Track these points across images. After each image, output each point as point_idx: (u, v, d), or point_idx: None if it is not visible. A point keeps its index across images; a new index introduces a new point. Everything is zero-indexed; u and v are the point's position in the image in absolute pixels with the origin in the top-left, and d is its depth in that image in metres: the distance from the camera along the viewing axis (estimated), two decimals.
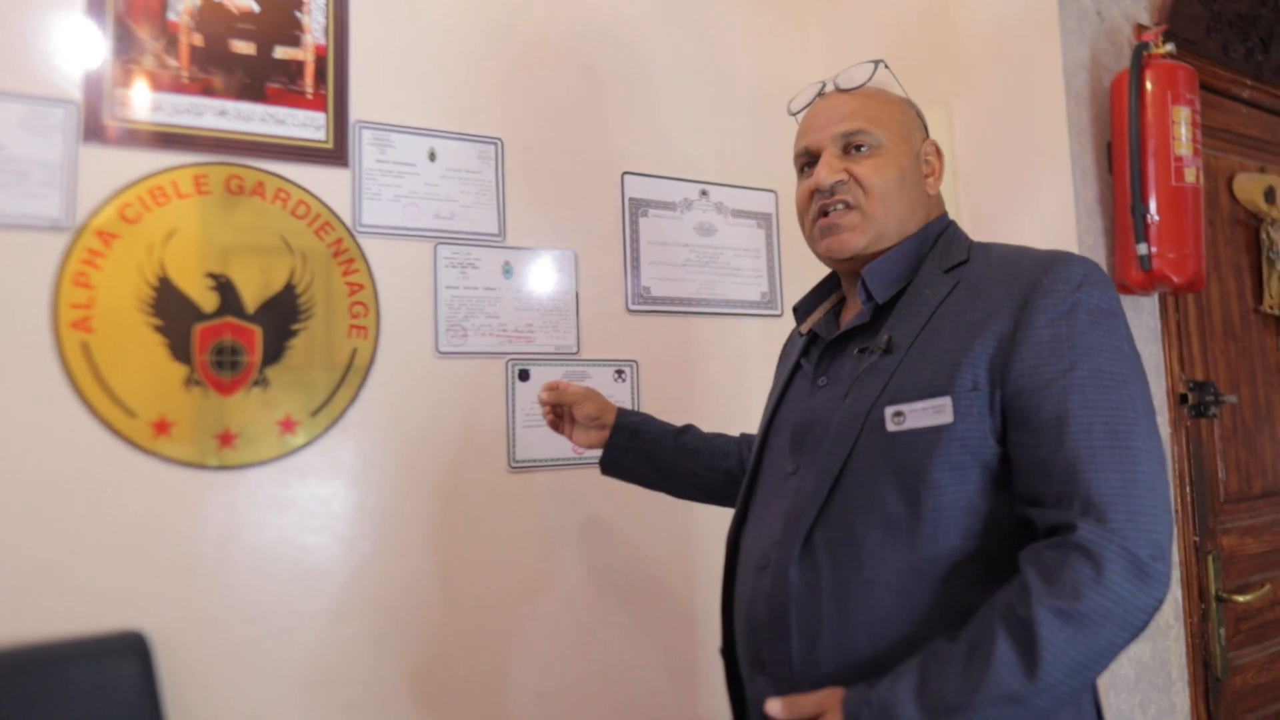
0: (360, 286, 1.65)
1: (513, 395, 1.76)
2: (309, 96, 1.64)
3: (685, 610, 1.89)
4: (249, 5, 1.61)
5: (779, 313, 2.08)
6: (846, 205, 1.06)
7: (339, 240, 1.64)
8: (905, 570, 0.91)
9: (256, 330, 1.56)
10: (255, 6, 1.61)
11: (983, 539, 0.91)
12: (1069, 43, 1.68)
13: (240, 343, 1.54)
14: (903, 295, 1.03)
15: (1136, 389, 0.89)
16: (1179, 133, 1.59)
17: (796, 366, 1.16)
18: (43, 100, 1.44)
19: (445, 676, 1.64)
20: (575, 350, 1.84)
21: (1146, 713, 1.62)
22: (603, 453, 1.43)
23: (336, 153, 1.65)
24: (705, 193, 2.03)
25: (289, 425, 1.56)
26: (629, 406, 1.86)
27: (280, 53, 1.63)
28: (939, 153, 1.13)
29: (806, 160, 1.11)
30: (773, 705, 0.93)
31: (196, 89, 1.56)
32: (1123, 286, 1.64)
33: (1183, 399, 1.76)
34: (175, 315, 1.50)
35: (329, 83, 1.66)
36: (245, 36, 1.60)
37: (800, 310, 1.20)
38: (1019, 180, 1.73)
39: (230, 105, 1.58)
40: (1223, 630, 1.74)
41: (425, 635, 1.63)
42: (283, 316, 1.58)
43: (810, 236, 1.12)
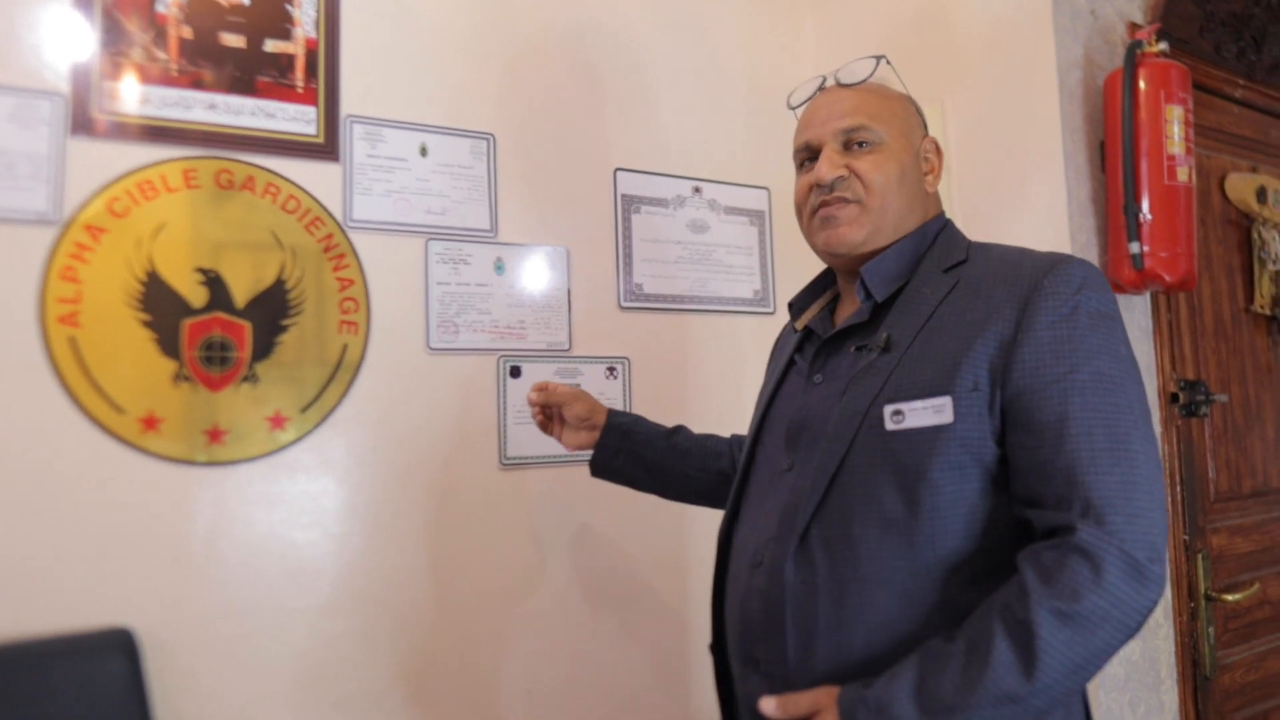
0: (351, 282, 1.64)
1: (504, 392, 1.76)
2: (299, 90, 1.63)
3: (676, 607, 1.88)
4: None
5: (771, 310, 2.08)
6: (846, 200, 1.05)
7: (329, 235, 1.63)
8: (903, 569, 0.91)
9: (246, 326, 1.55)
10: None
11: (981, 539, 0.91)
12: (1062, 41, 1.68)
13: (230, 338, 1.53)
14: (901, 294, 1.02)
15: (1134, 392, 0.89)
16: (1172, 132, 1.59)
17: (790, 363, 1.15)
18: (30, 92, 1.43)
19: (436, 673, 1.64)
20: (567, 347, 1.83)
21: (1136, 711, 1.62)
22: (593, 454, 1.42)
23: (327, 147, 1.64)
24: (698, 189, 2.02)
25: (279, 421, 1.55)
26: (621, 404, 1.86)
27: (270, 46, 1.61)
28: (939, 150, 1.13)
29: (807, 155, 1.11)
30: (767, 704, 0.92)
31: (186, 82, 1.54)
32: (1115, 285, 1.64)
33: (1174, 398, 1.77)
34: (164, 310, 1.49)
35: (320, 76, 1.64)
36: (235, 29, 1.59)
37: (795, 306, 1.20)
38: (1012, 178, 1.73)
39: (220, 99, 1.57)
40: (1212, 629, 1.75)
41: (416, 632, 1.63)
42: (273, 312, 1.57)
43: (808, 229, 1.11)
